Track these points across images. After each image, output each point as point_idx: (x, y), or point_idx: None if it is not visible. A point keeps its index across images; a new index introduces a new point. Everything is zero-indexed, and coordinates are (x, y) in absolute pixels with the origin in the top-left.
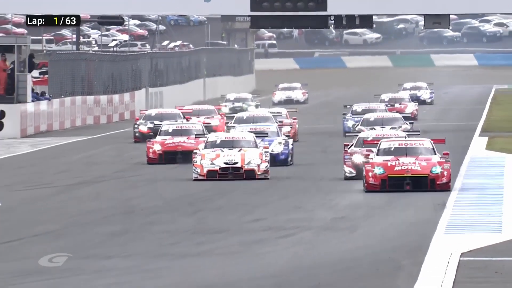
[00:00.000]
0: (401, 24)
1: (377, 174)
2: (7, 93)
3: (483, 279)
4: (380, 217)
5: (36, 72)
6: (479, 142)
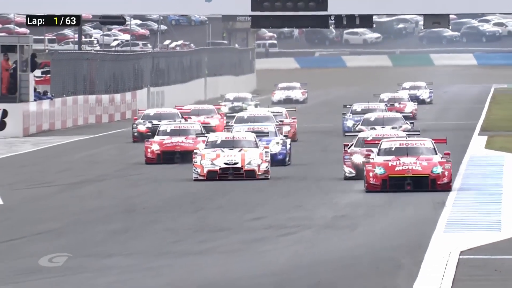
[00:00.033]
0: (401, 24)
1: (377, 174)
2: (9, 92)
3: (483, 277)
4: (380, 216)
5: (38, 71)
6: (478, 141)
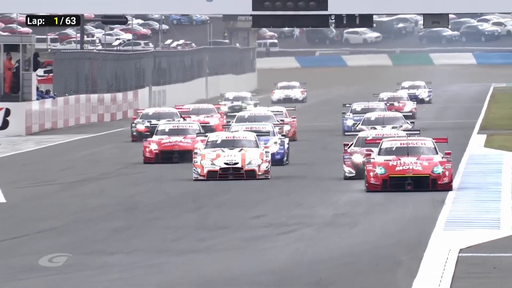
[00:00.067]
0: (401, 24)
1: (378, 174)
2: (12, 91)
3: (482, 274)
4: (380, 214)
5: (41, 70)
6: (478, 140)
